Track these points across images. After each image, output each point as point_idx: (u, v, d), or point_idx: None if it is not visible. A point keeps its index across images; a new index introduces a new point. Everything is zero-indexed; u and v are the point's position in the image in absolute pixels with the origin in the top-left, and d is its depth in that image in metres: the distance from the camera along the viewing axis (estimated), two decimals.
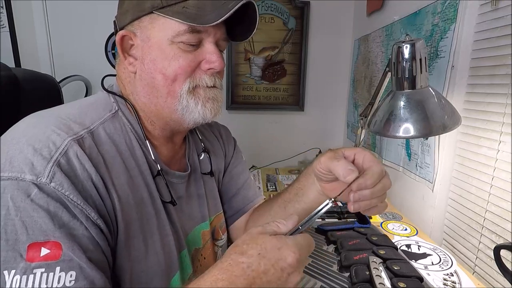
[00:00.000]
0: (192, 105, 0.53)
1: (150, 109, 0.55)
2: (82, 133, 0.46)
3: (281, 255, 0.38)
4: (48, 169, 0.40)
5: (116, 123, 0.52)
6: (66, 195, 0.40)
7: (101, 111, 0.52)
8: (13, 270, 0.36)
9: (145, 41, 0.51)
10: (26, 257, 0.37)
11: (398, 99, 0.76)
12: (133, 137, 0.53)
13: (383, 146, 1.35)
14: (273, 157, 1.79)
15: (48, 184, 0.39)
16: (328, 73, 1.84)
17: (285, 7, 1.73)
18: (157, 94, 0.53)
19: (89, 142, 0.46)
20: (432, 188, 1.00)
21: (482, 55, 0.80)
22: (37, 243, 0.38)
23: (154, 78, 0.52)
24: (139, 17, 0.51)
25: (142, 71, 0.53)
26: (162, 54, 0.51)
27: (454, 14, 0.88)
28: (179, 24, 0.49)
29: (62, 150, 0.42)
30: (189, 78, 0.52)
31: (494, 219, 0.75)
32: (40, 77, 0.76)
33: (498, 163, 0.74)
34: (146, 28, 0.51)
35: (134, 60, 0.53)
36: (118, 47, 0.53)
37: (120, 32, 0.52)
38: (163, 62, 0.51)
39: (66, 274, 0.38)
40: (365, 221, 0.96)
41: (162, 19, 0.50)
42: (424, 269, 0.77)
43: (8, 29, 1.52)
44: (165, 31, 0.50)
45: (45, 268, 0.37)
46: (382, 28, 1.35)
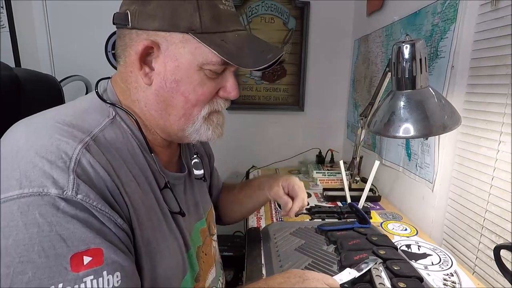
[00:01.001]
0: (204, 130, 0.55)
1: (157, 123, 0.54)
2: (87, 139, 0.44)
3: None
4: (72, 182, 0.39)
5: (116, 129, 0.50)
6: (94, 205, 0.40)
7: (99, 117, 0.49)
8: (60, 284, 0.36)
9: (171, 59, 0.49)
10: (71, 269, 0.37)
11: (398, 99, 0.76)
12: (135, 144, 0.52)
13: (383, 146, 1.35)
14: (273, 157, 1.80)
15: (75, 196, 0.39)
16: (328, 73, 1.84)
17: (285, 7, 1.73)
18: (171, 112, 0.53)
19: (95, 148, 0.44)
20: (432, 188, 1.00)
21: (482, 55, 0.80)
22: (78, 253, 0.38)
23: (174, 98, 0.51)
24: (169, 31, 0.48)
25: (161, 87, 0.51)
26: (188, 78, 0.50)
27: (454, 14, 0.88)
28: (214, 55, 0.48)
29: (76, 160, 0.41)
30: (208, 104, 0.54)
31: (494, 219, 0.75)
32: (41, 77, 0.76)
33: (498, 163, 0.75)
34: (176, 45, 0.48)
35: (150, 71, 0.51)
36: (137, 55, 0.49)
37: (145, 41, 0.48)
38: (187, 85, 0.50)
39: (113, 276, 0.40)
40: (365, 221, 0.96)
41: (196, 44, 0.48)
42: (424, 269, 0.77)
43: (8, 29, 1.52)
44: (196, 56, 0.49)
45: (93, 275, 0.38)
46: (382, 28, 1.35)
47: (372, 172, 1.09)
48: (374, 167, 1.08)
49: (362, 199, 1.12)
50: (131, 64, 0.51)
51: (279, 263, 0.77)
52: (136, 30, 0.49)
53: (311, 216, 1.09)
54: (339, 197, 1.24)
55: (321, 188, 1.39)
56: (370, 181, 1.10)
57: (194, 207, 0.66)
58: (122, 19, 0.49)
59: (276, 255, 0.81)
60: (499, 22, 0.74)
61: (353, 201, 1.16)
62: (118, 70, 0.55)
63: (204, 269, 0.64)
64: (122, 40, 0.51)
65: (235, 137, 1.85)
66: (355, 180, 1.30)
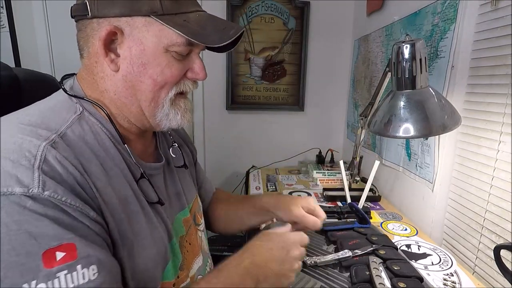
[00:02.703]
0: (173, 115, 0.56)
1: (130, 110, 0.54)
2: (53, 137, 0.44)
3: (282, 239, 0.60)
4: (37, 179, 0.39)
5: (84, 124, 0.50)
6: (63, 200, 0.40)
7: (65, 113, 0.49)
8: (34, 281, 0.36)
9: (136, 43, 0.49)
10: (44, 265, 0.37)
11: (398, 99, 0.76)
12: (105, 136, 0.51)
13: (383, 146, 1.35)
14: (273, 157, 1.80)
15: (42, 193, 0.38)
16: (328, 73, 1.84)
17: (285, 7, 1.73)
18: (140, 98, 0.53)
19: (63, 145, 0.44)
20: (432, 188, 1.00)
21: (482, 55, 0.80)
22: (51, 249, 0.37)
23: (142, 82, 0.51)
24: (131, 15, 0.48)
25: (129, 72, 0.51)
26: (155, 61, 0.50)
27: (454, 14, 0.88)
28: (178, 35, 0.49)
29: (41, 157, 0.40)
30: (175, 86, 0.54)
31: (494, 219, 0.75)
32: (41, 77, 0.76)
33: (498, 163, 0.74)
34: (139, 29, 0.49)
35: (116, 58, 0.51)
36: (100, 41, 0.49)
37: (107, 27, 0.48)
38: (155, 68, 0.51)
39: (89, 269, 0.39)
40: (365, 221, 0.96)
41: (160, 26, 0.49)
42: (424, 269, 0.77)
43: (8, 29, 1.52)
44: (161, 38, 0.49)
45: (67, 270, 0.38)
46: (382, 28, 1.35)
47: (372, 172, 1.09)
48: (374, 167, 1.08)
49: (362, 199, 1.12)
50: (95, 54, 0.51)
51: None
52: (97, 19, 0.49)
53: None
54: (339, 197, 1.24)
55: (321, 188, 1.39)
56: (370, 181, 1.10)
57: (175, 197, 0.66)
58: (81, 9, 0.49)
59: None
60: (499, 22, 0.74)
61: (353, 201, 1.16)
62: (82, 64, 0.55)
63: (188, 258, 0.64)
64: (83, 32, 0.51)
65: (235, 137, 1.85)
66: (355, 180, 1.30)
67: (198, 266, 0.68)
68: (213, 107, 1.84)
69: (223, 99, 1.83)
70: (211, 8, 1.37)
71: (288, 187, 1.42)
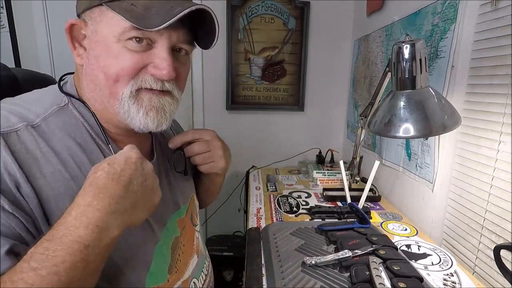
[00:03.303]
0: (134, 112, 0.50)
1: (95, 107, 0.52)
2: (19, 126, 0.44)
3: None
4: None
5: (64, 116, 0.49)
6: None
7: (48, 104, 0.49)
8: None
9: (93, 34, 0.48)
10: None
11: (398, 99, 0.76)
12: (85, 131, 0.51)
13: (383, 146, 1.35)
14: (273, 157, 1.80)
15: None
16: (328, 73, 1.84)
17: (285, 7, 1.74)
18: (100, 93, 0.50)
19: (24, 136, 0.44)
20: (432, 188, 1.00)
21: (482, 55, 0.80)
22: None
23: (96, 76, 0.49)
24: (90, 7, 0.48)
25: (87, 66, 0.50)
26: (107, 52, 0.47)
27: (454, 14, 0.88)
28: (125, 22, 0.46)
29: None
30: (133, 80, 0.49)
31: (494, 219, 0.75)
32: (40, 77, 0.76)
33: (498, 163, 0.74)
34: (95, 20, 0.48)
35: (83, 52, 0.50)
36: (67, 35, 0.50)
37: (70, 20, 0.50)
38: (106, 60, 0.48)
39: None
40: (365, 221, 0.96)
41: (111, 14, 0.47)
42: (424, 269, 0.77)
43: (8, 29, 1.52)
44: (112, 27, 0.47)
45: None
46: (382, 28, 1.35)
47: (372, 172, 1.09)
48: (374, 167, 1.08)
49: (362, 199, 1.12)
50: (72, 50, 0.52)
51: (279, 263, 0.77)
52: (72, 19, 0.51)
53: (311, 216, 1.09)
54: (339, 197, 1.24)
55: (321, 188, 1.39)
56: (370, 181, 1.10)
57: (170, 198, 0.64)
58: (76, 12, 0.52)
59: (276, 255, 0.81)
60: (499, 22, 0.74)
61: (353, 201, 1.16)
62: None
63: (182, 260, 0.63)
64: None
65: (235, 137, 1.85)
66: (355, 180, 1.30)
67: (193, 267, 0.67)
68: (213, 107, 1.84)
69: (223, 99, 1.83)
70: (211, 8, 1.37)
71: (288, 187, 1.42)
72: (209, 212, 1.90)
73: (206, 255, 0.76)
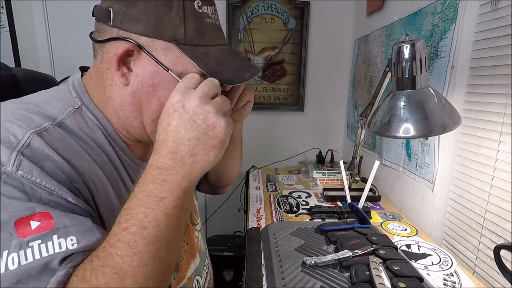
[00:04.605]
0: None
1: (130, 123, 0.54)
2: (46, 125, 0.44)
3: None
4: (13, 158, 0.38)
5: (80, 118, 0.50)
6: (37, 182, 0.38)
7: (62, 105, 0.49)
8: (5, 251, 0.35)
9: (151, 64, 0.49)
10: (17, 234, 0.36)
11: (398, 99, 0.76)
12: (100, 133, 0.51)
13: (383, 146, 1.35)
14: (273, 157, 1.80)
15: (15, 172, 0.38)
16: (328, 73, 1.84)
17: (285, 7, 1.74)
18: (144, 114, 0.52)
19: (54, 134, 0.44)
20: (432, 188, 1.00)
21: (482, 55, 0.80)
22: (23, 218, 0.36)
23: (149, 101, 0.51)
24: (152, 37, 0.48)
25: (138, 90, 0.51)
26: (166, 84, 0.50)
27: (454, 14, 0.88)
28: (194, 66, 0.49)
29: (25, 142, 0.40)
30: None
31: (494, 219, 0.75)
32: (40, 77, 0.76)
33: (498, 163, 0.74)
34: (157, 52, 0.49)
35: (128, 72, 0.50)
36: (116, 56, 0.48)
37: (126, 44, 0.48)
38: (164, 91, 0.50)
39: (66, 240, 0.38)
40: (365, 221, 0.96)
41: (178, 54, 0.48)
42: (424, 269, 0.77)
43: (8, 29, 1.52)
44: (177, 65, 0.49)
45: (41, 240, 0.36)
46: (382, 28, 1.35)
47: (372, 172, 1.09)
48: (374, 167, 1.08)
49: (362, 199, 1.12)
50: (109, 61, 0.50)
51: (279, 263, 0.77)
52: (117, 30, 0.48)
53: (311, 216, 1.09)
54: (339, 197, 1.24)
55: (321, 188, 1.39)
56: (370, 181, 1.10)
57: None
58: (104, 15, 0.49)
59: (276, 255, 0.81)
60: (499, 22, 0.74)
61: (353, 201, 1.16)
62: (94, 64, 0.54)
63: (185, 258, 0.64)
64: (101, 35, 0.51)
65: None
66: (355, 180, 1.30)
67: (196, 266, 0.67)
68: None
69: None
70: None
71: (288, 187, 1.42)
72: (209, 212, 1.90)
73: (206, 254, 0.77)
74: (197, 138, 0.43)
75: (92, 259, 0.38)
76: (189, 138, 0.43)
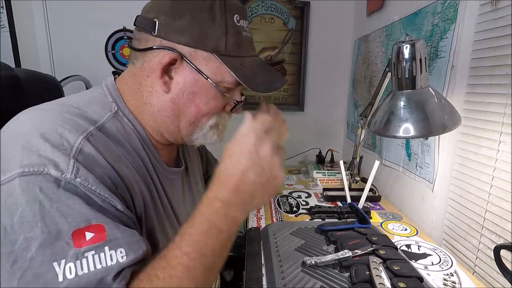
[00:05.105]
0: (210, 135, 0.59)
1: (167, 127, 0.56)
2: (91, 129, 0.46)
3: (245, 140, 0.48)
4: (72, 165, 0.40)
5: (118, 123, 0.52)
6: (92, 189, 0.41)
7: (100, 109, 0.51)
8: (63, 260, 0.37)
9: (192, 73, 0.52)
10: (74, 244, 0.38)
11: (398, 99, 0.76)
12: (135, 138, 0.54)
13: (383, 146, 1.35)
14: None
15: (74, 179, 0.40)
16: (328, 73, 1.84)
17: (285, 7, 1.73)
18: (182, 119, 0.56)
19: (98, 139, 0.46)
20: (432, 188, 1.00)
21: (482, 55, 0.80)
22: (80, 229, 0.38)
23: (188, 107, 0.54)
24: (194, 47, 0.51)
25: (179, 97, 0.54)
26: (205, 92, 0.54)
27: (454, 14, 0.88)
28: (231, 76, 0.52)
29: (78, 148, 0.42)
30: (216, 115, 0.58)
31: (494, 219, 0.75)
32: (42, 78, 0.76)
33: (498, 163, 0.74)
34: (199, 62, 0.52)
35: (169, 80, 0.53)
36: (161, 64, 0.51)
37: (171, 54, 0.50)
38: (202, 98, 0.54)
39: (116, 251, 0.40)
40: (365, 221, 0.96)
41: (218, 64, 0.52)
42: (424, 269, 0.77)
43: (8, 29, 1.52)
44: (216, 74, 0.52)
45: (94, 251, 0.38)
46: (382, 28, 1.35)
47: (372, 172, 1.09)
48: (374, 167, 1.08)
49: (362, 199, 1.12)
50: (150, 69, 0.53)
51: (279, 263, 0.77)
52: (161, 39, 0.51)
53: (311, 216, 1.09)
54: (339, 197, 1.24)
55: (321, 188, 1.39)
56: (370, 181, 1.10)
57: (190, 202, 0.68)
58: (148, 26, 0.51)
59: (276, 255, 0.81)
60: (499, 22, 0.74)
61: (353, 201, 1.16)
62: (130, 71, 0.56)
63: None
64: (142, 43, 0.53)
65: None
66: (355, 180, 1.30)
67: None
68: None
69: None
70: None
71: (288, 187, 1.42)
72: None
73: None
74: (260, 184, 0.46)
75: (152, 279, 0.40)
76: (255, 182, 0.46)
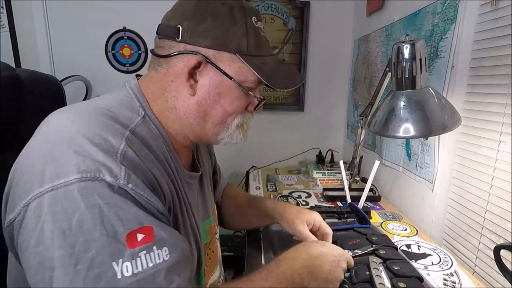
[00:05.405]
0: (236, 135, 0.61)
1: (192, 129, 0.58)
2: (127, 134, 0.47)
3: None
4: (124, 171, 0.42)
5: (146, 127, 0.52)
6: (141, 194, 0.43)
7: (130, 113, 0.51)
8: (120, 259, 0.39)
9: (217, 74, 0.54)
10: (128, 245, 0.40)
11: (398, 99, 0.76)
12: (161, 142, 0.55)
13: (383, 146, 1.35)
14: (273, 157, 1.79)
15: (126, 185, 0.41)
16: (328, 73, 1.84)
17: (285, 7, 1.74)
18: (208, 120, 0.57)
19: (135, 143, 0.47)
20: (432, 188, 1.00)
21: (482, 55, 0.80)
22: (133, 231, 0.41)
23: (214, 108, 0.56)
24: (219, 50, 0.52)
25: (204, 99, 0.55)
26: (229, 92, 0.55)
27: (454, 14, 0.88)
28: (253, 75, 0.54)
29: (121, 153, 0.43)
30: (241, 115, 0.60)
31: (494, 219, 0.76)
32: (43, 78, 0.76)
33: (498, 163, 0.75)
34: (223, 63, 0.53)
35: (194, 83, 0.54)
36: (187, 68, 0.52)
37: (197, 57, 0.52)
38: (227, 98, 0.56)
39: (162, 250, 0.42)
40: (365, 221, 0.96)
41: (240, 64, 0.53)
42: (424, 269, 0.77)
43: (8, 29, 1.52)
44: (239, 74, 0.54)
45: (146, 250, 0.41)
46: (382, 28, 1.35)
47: (372, 172, 1.09)
48: (374, 167, 1.08)
49: (362, 199, 1.12)
50: (175, 74, 0.54)
51: None
52: (185, 44, 0.52)
53: None
54: (339, 197, 1.24)
55: (321, 188, 1.39)
56: (370, 181, 1.10)
57: (203, 206, 0.69)
58: (172, 32, 0.53)
59: (276, 255, 0.81)
60: (499, 22, 0.74)
61: (353, 201, 1.16)
62: (152, 76, 0.57)
63: (208, 266, 0.67)
64: (166, 50, 0.54)
65: None
66: (355, 180, 1.30)
67: (218, 274, 0.71)
68: None
69: None
70: None
71: (288, 187, 1.42)
72: None
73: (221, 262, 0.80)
74: (325, 279, 0.61)
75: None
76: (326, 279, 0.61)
